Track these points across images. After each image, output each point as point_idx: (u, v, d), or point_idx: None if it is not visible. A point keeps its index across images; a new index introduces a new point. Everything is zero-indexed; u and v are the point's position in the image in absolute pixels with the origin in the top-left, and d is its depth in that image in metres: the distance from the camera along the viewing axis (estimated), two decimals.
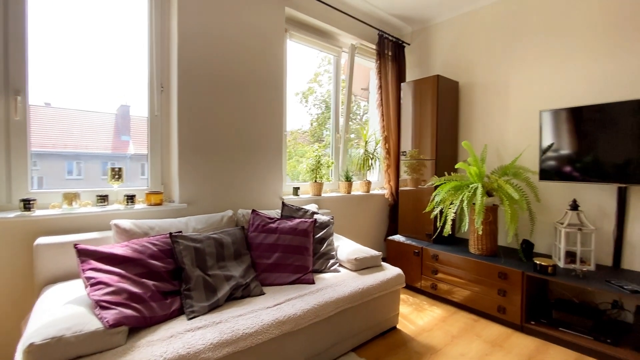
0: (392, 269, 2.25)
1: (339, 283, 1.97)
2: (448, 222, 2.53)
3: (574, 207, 2.35)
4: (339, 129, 3.32)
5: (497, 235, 2.62)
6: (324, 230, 2.28)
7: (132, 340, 1.29)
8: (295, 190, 2.80)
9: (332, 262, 2.19)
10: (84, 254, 1.46)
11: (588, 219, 2.37)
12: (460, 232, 3.13)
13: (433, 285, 2.79)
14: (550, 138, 2.51)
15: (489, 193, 2.52)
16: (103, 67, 2.12)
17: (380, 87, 3.27)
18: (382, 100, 3.29)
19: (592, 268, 2.26)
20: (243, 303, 1.67)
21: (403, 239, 3.11)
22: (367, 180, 3.35)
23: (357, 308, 1.95)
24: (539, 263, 2.22)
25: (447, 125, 3.11)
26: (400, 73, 3.46)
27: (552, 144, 2.51)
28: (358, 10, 3.20)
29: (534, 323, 2.25)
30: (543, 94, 2.71)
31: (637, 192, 2.27)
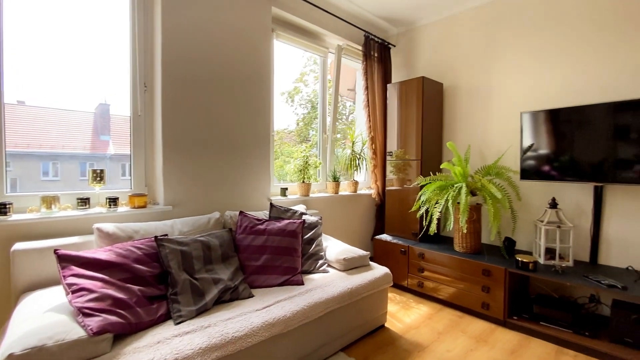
0: (379, 268, 2.28)
1: (328, 283, 1.97)
2: (434, 221, 2.58)
3: (553, 205, 2.44)
4: (326, 129, 3.33)
5: (480, 234, 2.69)
6: (313, 231, 2.28)
7: (117, 348, 1.25)
8: (283, 191, 2.79)
9: (320, 262, 2.19)
10: (65, 260, 1.41)
11: (566, 217, 2.46)
12: (446, 230, 3.19)
13: (419, 283, 2.84)
14: (530, 139, 2.60)
15: (473, 192, 2.58)
16: (81, 64, 2.04)
17: (367, 88, 3.30)
18: (368, 101, 3.32)
19: (570, 264, 2.35)
20: (232, 306, 1.66)
21: (390, 238, 3.15)
22: (354, 181, 3.37)
23: (346, 308, 1.97)
24: (521, 260, 2.30)
25: (431, 126, 3.16)
26: (386, 74, 3.49)
27: (532, 145, 2.59)
28: (344, 11, 3.21)
29: (516, 318, 2.32)
30: (524, 96, 2.80)
31: (612, 190, 2.37)
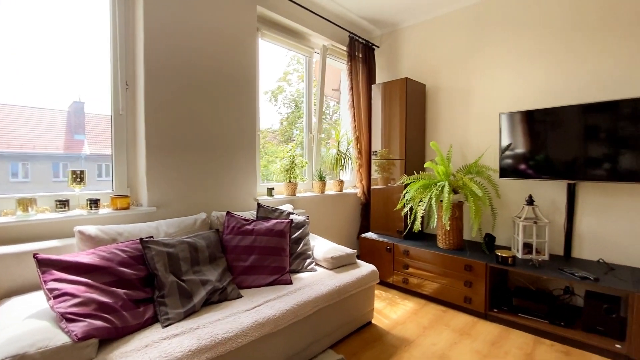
0: (366, 266, 2.31)
1: (317, 282, 1.99)
2: (418, 218, 2.64)
3: (530, 202, 2.55)
4: (312, 129, 3.34)
5: (462, 230, 2.78)
6: (300, 230, 2.29)
7: (103, 353, 1.22)
8: (270, 191, 2.79)
9: (308, 261, 2.21)
10: (45, 264, 1.35)
11: (542, 213, 2.58)
12: (429, 228, 3.28)
13: (404, 280, 2.90)
14: (508, 139, 2.71)
15: (455, 190, 2.67)
16: (53, 59, 1.94)
17: (352, 88, 3.34)
18: (353, 101, 3.35)
19: (546, 258, 2.47)
20: (220, 307, 1.64)
21: (375, 236, 3.20)
22: (340, 180, 3.40)
23: (334, 306, 1.99)
24: (501, 255, 2.39)
25: (415, 126, 3.24)
26: (370, 75, 3.54)
27: (510, 144, 2.70)
28: (329, 12, 3.24)
29: (497, 311, 2.41)
30: (503, 97, 2.91)
31: (584, 187, 2.50)
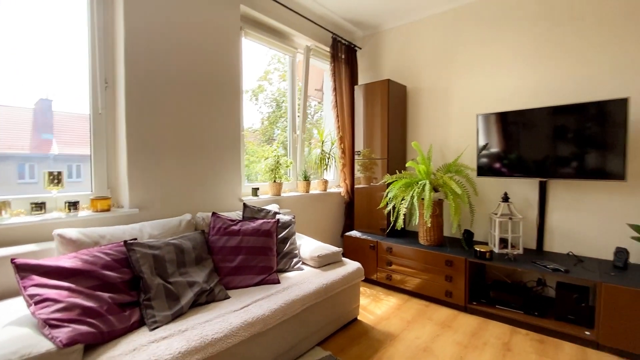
0: (352, 264, 2.36)
1: (304, 280, 2.01)
2: (400, 216, 2.72)
3: (505, 199, 2.68)
4: (296, 129, 3.35)
5: (443, 227, 2.88)
6: (287, 230, 2.30)
7: (89, 359, 1.19)
8: (255, 191, 2.78)
9: (295, 260, 2.22)
10: (25, 269, 1.31)
11: (517, 209, 2.72)
12: (411, 225, 3.37)
13: (388, 276, 2.97)
14: (484, 139, 2.83)
15: (435, 189, 2.76)
16: (18, 53, 1.83)
17: (335, 89, 3.38)
18: (336, 102, 3.39)
19: (520, 252, 2.60)
20: (209, 308, 1.63)
21: (359, 235, 3.26)
22: (324, 179, 3.43)
23: (321, 303, 2.02)
24: (479, 250, 2.50)
25: (396, 127, 3.32)
26: (353, 76, 3.59)
27: (486, 144, 2.82)
28: (313, 13, 3.26)
29: (476, 303, 2.52)
30: (480, 99, 3.03)
31: (554, 185, 2.66)
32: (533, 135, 2.59)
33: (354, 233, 3.32)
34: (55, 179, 1.82)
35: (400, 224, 2.74)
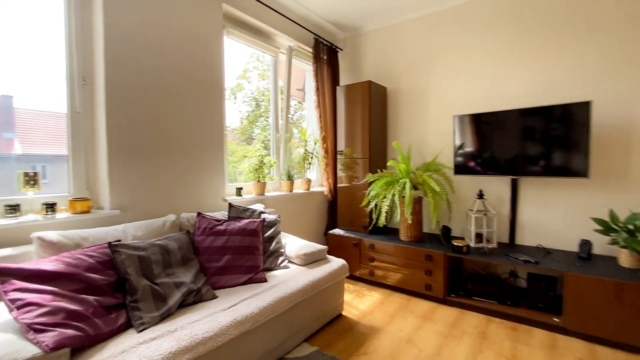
0: (337, 261, 2.41)
1: (291, 278, 2.04)
2: (382, 214, 2.80)
3: (480, 196, 2.82)
4: (279, 129, 3.37)
5: (422, 223, 2.99)
6: (272, 229, 2.32)
7: None
8: (239, 191, 2.77)
9: (281, 259, 2.25)
10: (4, 274, 1.27)
11: (491, 206, 2.87)
12: (392, 222, 3.47)
13: (371, 272, 3.05)
14: (460, 139, 2.96)
15: (415, 187, 2.86)
16: None
17: (318, 89, 3.42)
18: (319, 102, 3.44)
19: (495, 245, 2.75)
20: (197, 308, 1.64)
21: (342, 232, 3.32)
22: (307, 179, 3.47)
23: (308, 300, 2.06)
24: (456, 244, 2.62)
25: (377, 127, 3.40)
26: (335, 76, 3.65)
27: (462, 144, 2.96)
28: (295, 14, 3.28)
29: (454, 296, 2.65)
30: (457, 100, 3.17)
31: (524, 182, 2.83)
32: (504, 136, 2.74)
33: (337, 231, 3.38)
34: (32, 180, 1.76)
35: (382, 221, 2.82)
